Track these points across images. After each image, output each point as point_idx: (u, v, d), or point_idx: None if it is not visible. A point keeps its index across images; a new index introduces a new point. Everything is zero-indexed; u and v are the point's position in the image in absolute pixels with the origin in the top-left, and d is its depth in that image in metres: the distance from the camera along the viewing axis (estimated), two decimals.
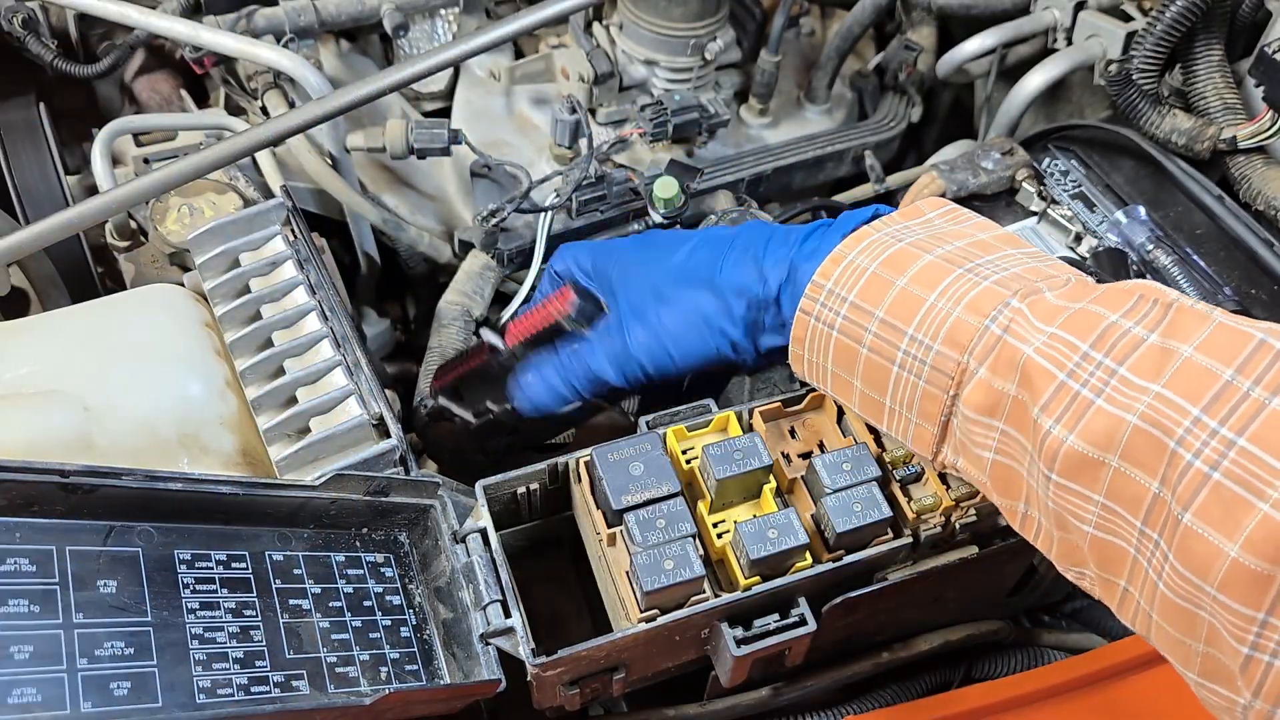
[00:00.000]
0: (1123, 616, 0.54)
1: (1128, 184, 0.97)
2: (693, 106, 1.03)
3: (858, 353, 0.61)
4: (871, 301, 0.60)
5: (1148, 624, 0.52)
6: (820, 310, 0.62)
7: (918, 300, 0.58)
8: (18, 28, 1.03)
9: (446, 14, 1.15)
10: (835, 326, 0.62)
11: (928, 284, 0.58)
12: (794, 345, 0.65)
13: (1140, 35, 0.96)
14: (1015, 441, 0.55)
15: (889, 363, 0.59)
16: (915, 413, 0.59)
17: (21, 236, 0.80)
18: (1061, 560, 0.57)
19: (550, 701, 0.66)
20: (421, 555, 0.68)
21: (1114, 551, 0.52)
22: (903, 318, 0.59)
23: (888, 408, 0.61)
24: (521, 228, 0.98)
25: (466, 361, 0.82)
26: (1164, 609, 0.50)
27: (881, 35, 1.29)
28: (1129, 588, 0.52)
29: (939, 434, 0.59)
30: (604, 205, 0.98)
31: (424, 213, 1.09)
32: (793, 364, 0.67)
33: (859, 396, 0.63)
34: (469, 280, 0.97)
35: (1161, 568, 0.49)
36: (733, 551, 0.64)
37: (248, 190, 0.96)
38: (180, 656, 0.52)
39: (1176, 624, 0.50)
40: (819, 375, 0.65)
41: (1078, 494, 0.52)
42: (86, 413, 0.65)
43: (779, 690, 0.74)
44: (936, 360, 0.57)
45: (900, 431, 0.62)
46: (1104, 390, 0.51)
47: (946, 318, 0.57)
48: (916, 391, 0.59)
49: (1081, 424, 0.51)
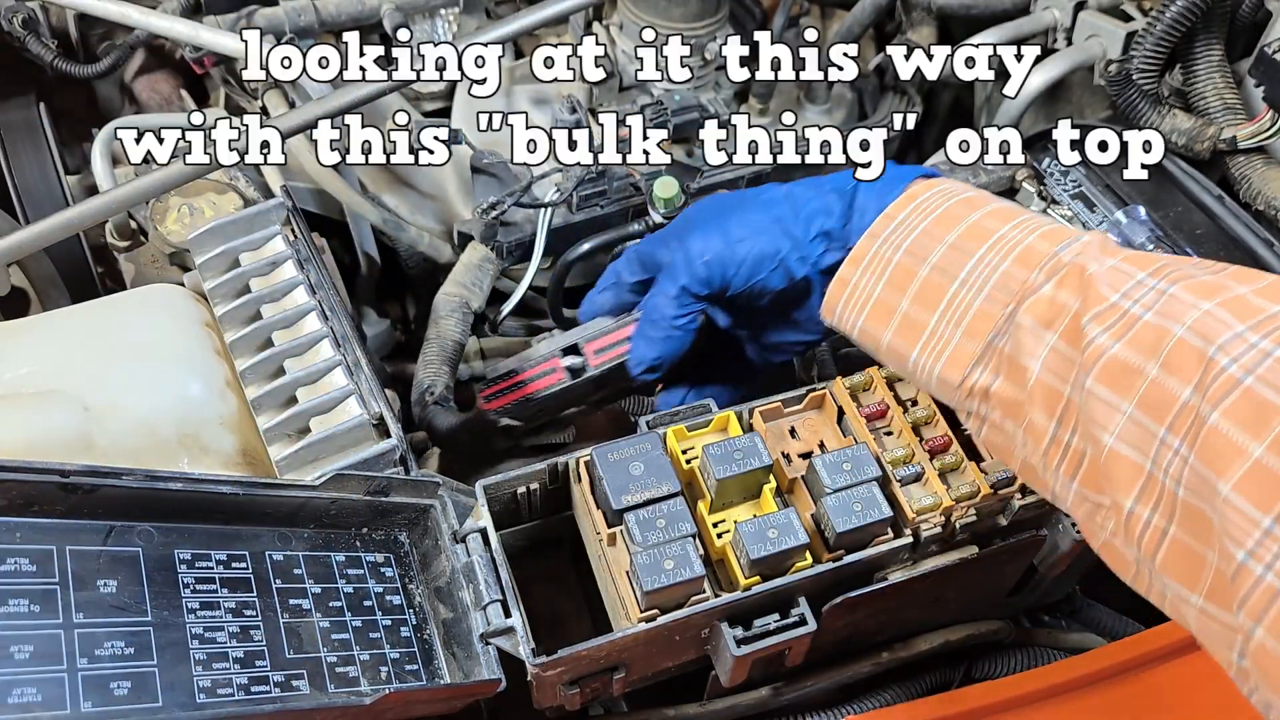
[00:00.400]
0: (1129, 542, 0.53)
1: (1127, 184, 0.97)
2: (693, 106, 1.03)
3: (917, 272, 0.63)
4: (943, 229, 0.63)
5: (1156, 544, 0.51)
6: (890, 235, 0.65)
7: (990, 231, 0.62)
8: (18, 28, 1.03)
9: (446, 14, 1.15)
10: (901, 248, 0.64)
11: (1000, 219, 0.62)
12: (847, 268, 0.67)
13: (1140, 35, 0.96)
14: (1063, 358, 0.56)
15: (950, 279, 0.62)
16: (962, 330, 0.61)
17: (21, 236, 0.80)
18: (1086, 484, 0.56)
19: (550, 701, 0.66)
20: (421, 555, 0.68)
21: (1128, 467, 0.52)
22: (974, 242, 0.62)
23: (930, 328, 0.62)
24: (522, 221, 0.98)
25: (533, 384, 0.81)
26: (1183, 515, 0.49)
27: (881, 35, 1.29)
28: (1135, 508, 0.52)
29: (980, 352, 0.60)
30: (604, 200, 0.98)
31: (424, 213, 1.09)
32: (833, 290, 0.67)
33: (899, 321, 0.63)
34: (468, 272, 0.96)
35: (1180, 472, 0.49)
36: (733, 551, 0.64)
37: (248, 190, 0.96)
38: (180, 656, 0.52)
39: (1193, 528, 0.49)
40: (857, 304, 0.66)
41: (1109, 403, 0.52)
42: (86, 413, 0.65)
43: (779, 690, 0.74)
44: (1001, 278, 0.60)
45: (933, 354, 0.62)
46: (1154, 307, 0.53)
47: (1018, 244, 0.60)
48: (972, 308, 0.60)
49: (1129, 335, 0.53)
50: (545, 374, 0.80)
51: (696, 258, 0.71)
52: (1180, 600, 0.51)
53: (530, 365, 0.81)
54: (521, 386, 0.80)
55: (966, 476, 0.67)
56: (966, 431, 0.71)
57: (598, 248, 0.97)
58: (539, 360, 0.81)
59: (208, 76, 1.12)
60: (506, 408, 0.80)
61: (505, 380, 0.81)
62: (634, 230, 0.98)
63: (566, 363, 0.80)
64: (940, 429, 0.70)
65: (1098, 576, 0.84)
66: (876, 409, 0.70)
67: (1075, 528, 0.70)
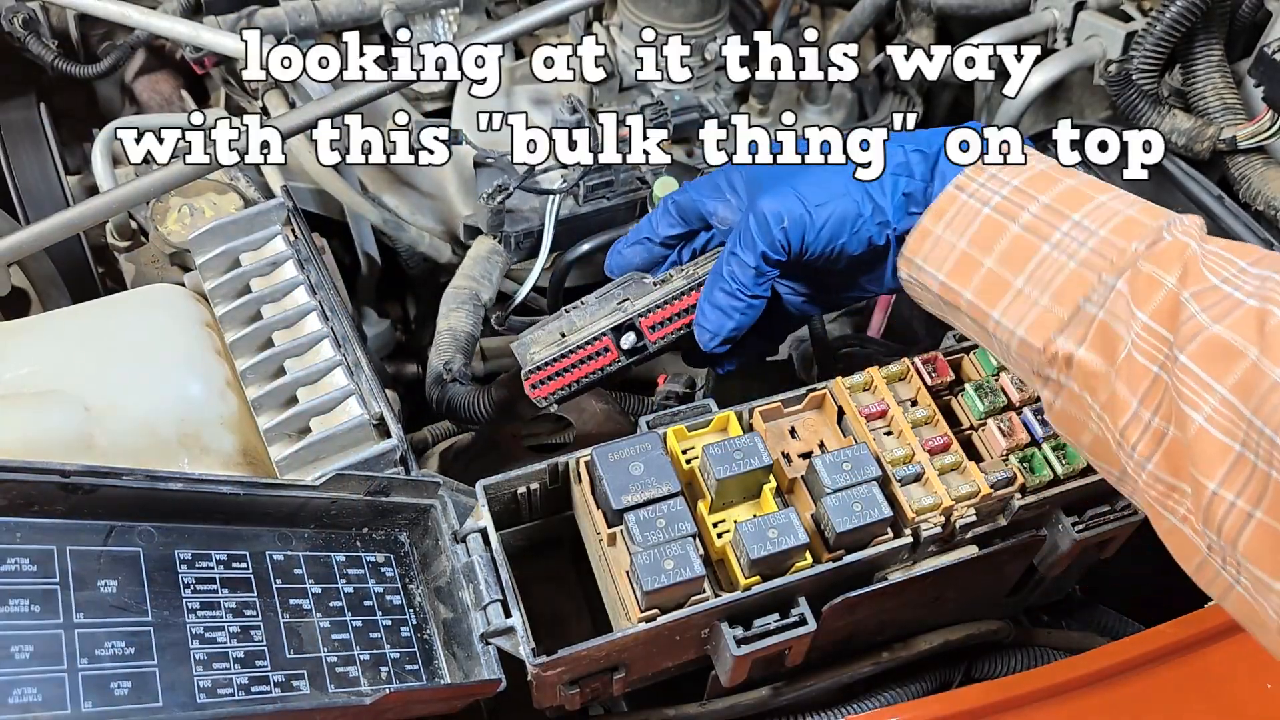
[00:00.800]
0: (1207, 526, 0.52)
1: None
2: (693, 106, 1.03)
3: (1006, 229, 0.61)
4: (1037, 189, 0.61)
5: (1239, 527, 0.50)
6: (978, 189, 0.63)
7: (1086, 197, 0.60)
8: (18, 28, 1.03)
9: (446, 14, 1.15)
10: (989, 204, 0.62)
11: (1098, 189, 0.61)
12: (929, 218, 0.64)
13: (1140, 35, 0.97)
14: (1156, 334, 0.55)
15: (1041, 240, 0.60)
16: (1049, 294, 0.59)
17: (22, 236, 0.80)
18: (1162, 466, 0.55)
19: (550, 701, 0.66)
20: (422, 555, 0.68)
21: (1216, 448, 0.51)
22: (1069, 206, 0.60)
23: (1016, 287, 0.60)
24: (528, 211, 0.98)
25: (584, 367, 0.74)
26: (1274, 499, 0.49)
27: (881, 35, 1.29)
28: (1220, 490, 0.51)
29: (1068, 319, 0.58)
30: (610, 193, 0.98)
31: (424, 213, 1.09)
32: (911, 243, 0.65)
33: (982, 278, 0.62)
34: (476, 264, 0.96)
35: (1272, 454, 0.48)
36: (733, 551, 0.64)
37: (248, 190, 0.97)
38: (181, 656, 0.52)
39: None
40: (938, 256, 0.64)
41: (1202, 382, 0.52)
42: (87, 413, 0.65)
43: (779, 690, 0.74)
44: (1099, 245, 0.58)
45: (1016, 315, 0.60)
46: (1257, 293, 0.52)
47: (1116, 214, 0.58)
48: (1063, 272, 0.59)
49: (1230, 318, 0.52)
50: (597, 355, 0.73)
51: (774, 223, 0.68)
52: (1261, 587, 0.50)
53: (579, 346, 0.73)
54: (570, 370, 0.74)
55: (966, 476, 0.67)
56: (966, 432, 0.71)
57: (598, 248, 0.97)
58: (588, 340, 0.73)
59: (208, 77, 1.12)
60: (556, 393, 0.74)
61: (551, 365, 0.74)
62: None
63: (620, 343, 0.73)
64: (940, 429, 0.70)
65: (1098, 576, 0.84)
66: (876, 409, 0.70)
67: (1075, 528, 0.70)
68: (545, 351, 0.74)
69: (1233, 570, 0.52)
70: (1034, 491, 0.69)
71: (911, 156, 0.68)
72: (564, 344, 0.74)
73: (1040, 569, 0.76)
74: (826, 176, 0.69)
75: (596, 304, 0.75)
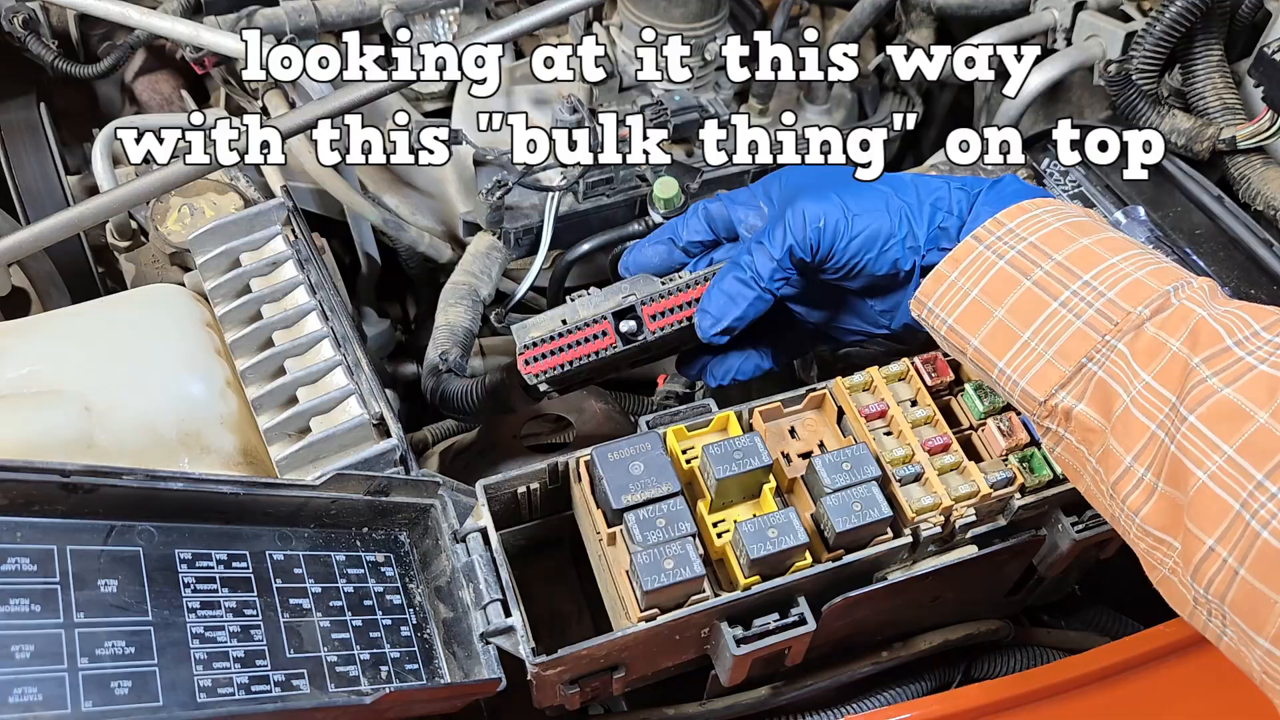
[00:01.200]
0: (1196, 581, 0.53)
1: (1127, 184, 0.97)
2: (693, 106, 1.03)
3: (1018, 284, 0.62)
4: (1052, 247, 0.63)
5: (1227, 585, 0.52)
6: (994, 242, 0.64)
7: (1099, 258, 0.61)
8: (18, 28, 1.03)
9: (446, 14, 1.15)
10: (1005, 258, 0.64)
11: (1112, 250, 0.62)
12: (946, 265, 0.66)
13: (1140, 35, 0.96)
14: (1158, 394, 0.56)
15: (1050, 298, 0.61)
16: (1054, 350, 0.60)
17: (22, 236, 0.80)
18: (1150, 520, 0.56)
19: (550, 701, 0.66)
20: (422, 554, 0.68)
21: (1216, 506, 0.52)
22: (1081, 266, 0.61)
23: (1023, 340, 0.62)
24: (528, 208, 0.98)
25: (580, 348, 0.74)
26: (1259, 560, 0.50)
27: (881, 35, 1.29)
28: (1215, 546, 0.52)
29: (1070, 374, 0.60)
30: (610, 190, 0.98)
31: (424, 213, 1.09)
32: (926, 285, 0.66)
33: (992, 327, 0.63)
34: (476, 260, 0.96)
35: (1271, 518, 0.49)
36: (732, 551, 0.64)
37: (248, 190, 0.97)
38: (181, 656, 0.52)
39: (1269, 577, 0.49)
40: (950, 302, 0.65)
41: (1209, 441, 0.53)
42: (87, 412, 0.65)
43: (779, 690, 0.74)
44: (1105, 306, 0.59)
45: (1020, 368, 0.62)
46: (1269, 359, 0.53)
47: (1126, 276, 0.60)
48: (1069, 330, 0.60)
49: (1241, 382, 0.53)
50: (594, 337, 0.74)
51: (811, 221, 0.69)
52: (1245, 640, 0.52)
53: (576, 328, 0.74)
54: (565, 350, 0.74)
55: (966, 476, 0.68)
56: (966, 431, 0.71)
57: (597, 248, 0.97)
58: (586, 322, 0.74)
59: (208, 76, 1.12)
60: (548, 372, 0.74)
61: (548, 343, 0.74)
62: (634, 230, 0.98)
63: (619, 327, 0.74)
64: (940, 429, 0.70)
65: (1098, 576, 0.84)
66: (876, 409, 0.70)
67: (1075, 528, 0.70)
68: (542, 330, 0.74)
69: (1218, 623, 0.53)
70: (1033, 491, 0.69)
71: (955, 194, 0.70)
72: (561, 321, 0.74)
73: (1040, 569, 0.76)
74: (870, 191, 0.71)
75: (602, 296, 0.76)
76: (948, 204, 0.69)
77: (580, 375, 0.76)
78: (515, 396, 0.80)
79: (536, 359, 0.74)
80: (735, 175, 1.05)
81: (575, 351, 0.74)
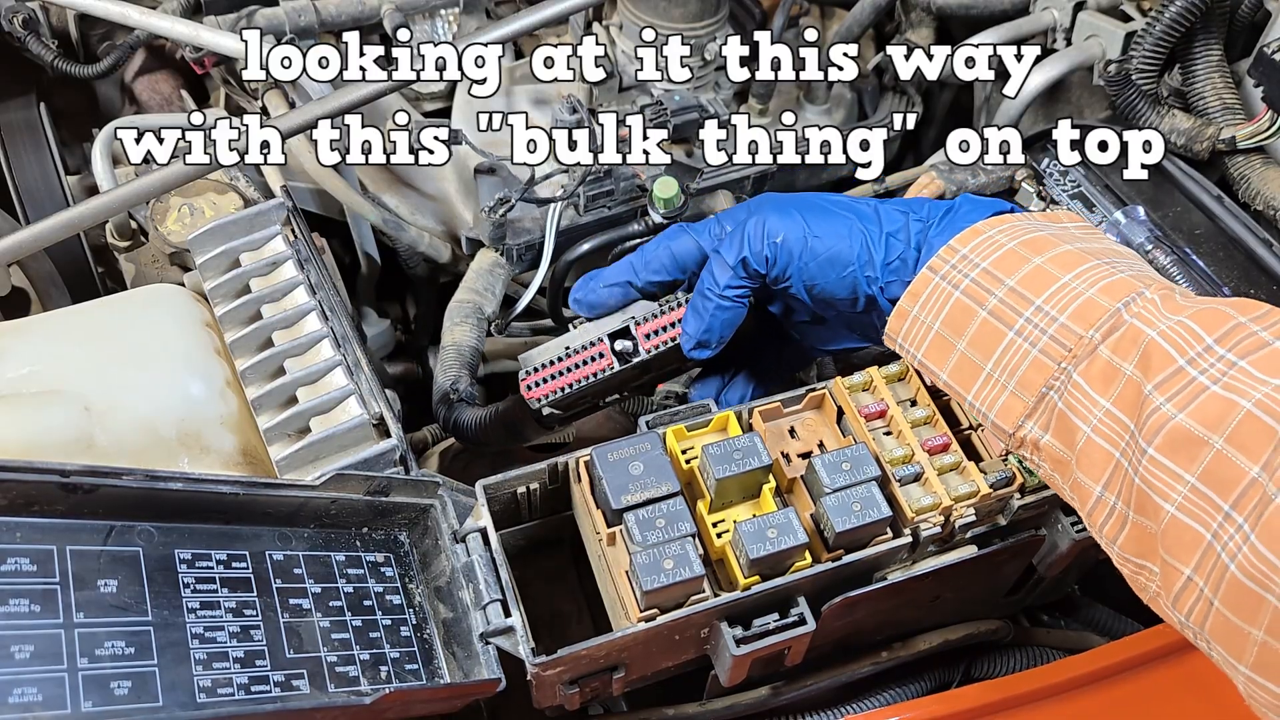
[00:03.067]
0: (1176, 609, 0.54)
1: (1127, 184, 0.97)
2: (693, 106, 1.03)
3: (975, 314, 0.62)
4: (1004, 271, 0.62)
5: (1205, 615, 0.52)
6: (949, 271, 0.64)
7: (1052, 278, 0.60)
8: (18, 28, 1.03)
9: (446, 14, 1.15)
10: (960, 287, 0.63)
11: (1064, 266, 0.60)
12: (906, 300, 0.66)
13: (1139, 35, 0.96)
14: (1117, 421, 0.55)
15: (1006, 328, 0.60)
16: (1015, 381, 0.60)
17: (21, 236, 0.80)
18: (1126, 548, 0.56)
19: (550, 701, 0.66)
20: (421, 555, 0.68)
21: (1188, 537, 0.52)
22: (1033, 289, 0.60)
23: (986, 373, 0.61)
24: (529, 223, 0.98)
25: (579, 371, 0.77)
26: (1230, 593, 0.50)
27: (881, 35, 1.29)
28: (1193, 576, 0.52)
29: (1033, 405, 0.59)
30: (611, 201, 0.98)
31: (424, 213, 1.09)
32: (892, 322, 0.67)
33: (956, 360, 0.63)
34: (479, 278, 0.96)
35: (1238, 550, 0.49)
36: (732, 551, 0.64)
37: (248, 190, 0.96)
38: (181, 656, 0.52)
39: (1240, 609, 0.49)
40: (916, 337, 0.65)
41: (1170, 471, 0.52)
42: (87, 412, 0.65)
43: (778, 690, 0.74)
44: (1059, 331, 0.58)
45: (987, 400, 0.62)
46: (1221, 379, 0.52)
47: (1078, 296, 0.59)
48: (1026, 359, 0.59)
49: (1193, 405, 0.52)
50: (592, 359, 0.76)
51: (769, 234, 0.69)
52: (1228, 665, 0.52)
53: (574, 351, 0.77)
54: (566, 374, 0.77)
55: (966, 476, 0.68)
56: (966, 431, 0.71)
57: (597, 248, 0.97)
58: (584, 346, 0.77)
59: (208, 76, 1.12)
60: (550, 396, 0.77)
61: (548, 368, 0.77)
62: (634, 230, 0.98)
63: (615, 347, 0.76)
64: (940, 429, 0.70)
65: (1098, 576, 0.84)
66: (876, 409, 0.70)
67: (1074, 528, 0.71)
68: (544, 358, 0.77)
69: (1204, 645, 0.53)
70: (1033, 492, 0.69)
71: (912, 225, 0.69)
72: (560, 346, 0.77)
73: (1039, 569, 0.76)
74: (835, 216, 0.71)
75: (605, 319, 0.78)
76: (905, 235, 0.69)
77: (582, 397, 0.78)
78: (528, 426, 0.82)
79: (538, 383, 0.77)
80: (735, 176, 1.05)
81: (575, 374, 0.76)
